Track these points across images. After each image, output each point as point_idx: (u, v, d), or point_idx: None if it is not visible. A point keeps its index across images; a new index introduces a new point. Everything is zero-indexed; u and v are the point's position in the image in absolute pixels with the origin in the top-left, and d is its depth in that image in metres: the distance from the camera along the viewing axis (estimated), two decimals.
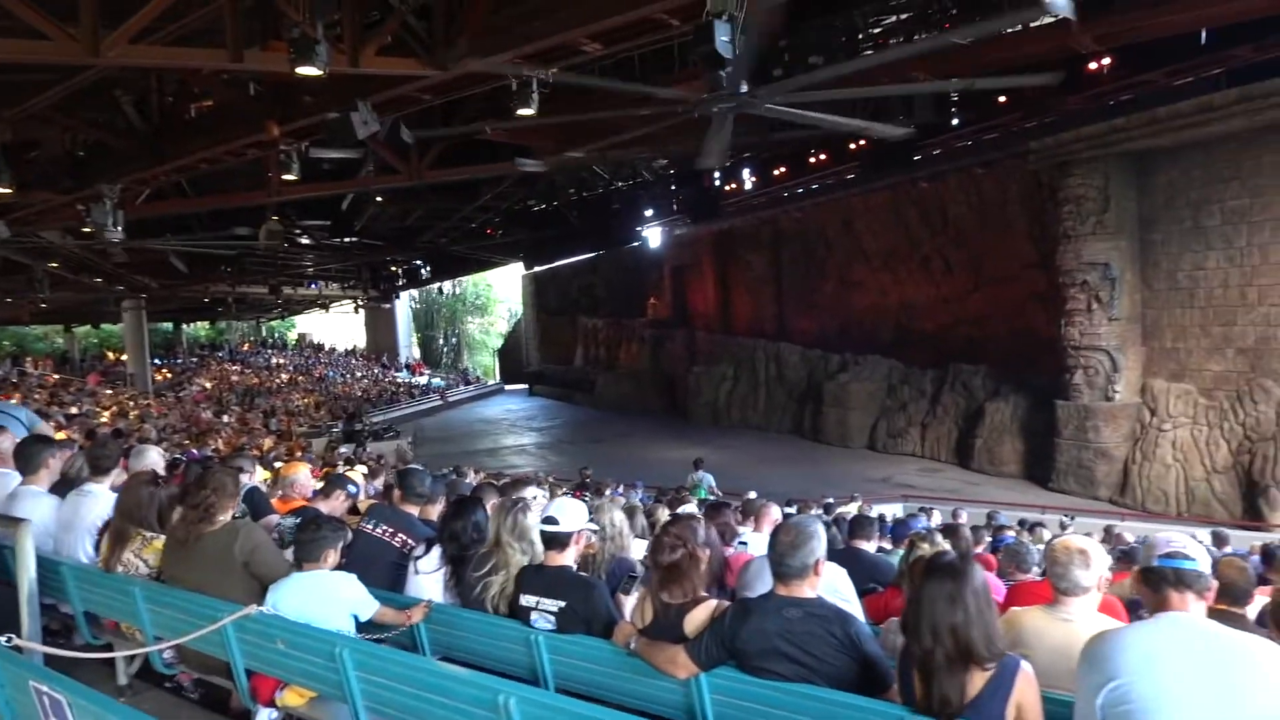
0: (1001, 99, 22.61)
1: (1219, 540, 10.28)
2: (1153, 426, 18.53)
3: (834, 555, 5.48)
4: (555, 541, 3.57)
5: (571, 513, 3.66)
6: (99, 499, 4.45)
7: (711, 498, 13.28)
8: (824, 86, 7.67)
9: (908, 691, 2.63)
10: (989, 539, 8.58)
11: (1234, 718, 2.19)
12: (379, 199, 26.78)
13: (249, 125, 11.06)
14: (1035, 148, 20.09)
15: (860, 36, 15.69)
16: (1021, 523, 12.65)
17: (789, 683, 2.85)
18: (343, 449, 23.21)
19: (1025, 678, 2.51)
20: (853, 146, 26.86)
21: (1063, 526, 12.99)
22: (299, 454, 19.48)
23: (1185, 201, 18.20)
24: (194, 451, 14.66)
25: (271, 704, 3.55)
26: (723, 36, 6.41)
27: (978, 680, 2.48)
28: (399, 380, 45.76)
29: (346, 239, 31.76)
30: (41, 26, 6.74)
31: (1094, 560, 3.19)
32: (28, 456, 4.92)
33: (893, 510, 14.66)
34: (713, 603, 3.19)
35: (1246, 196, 17.21)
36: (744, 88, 6.57)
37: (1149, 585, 2.49)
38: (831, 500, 13.42)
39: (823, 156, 28.81)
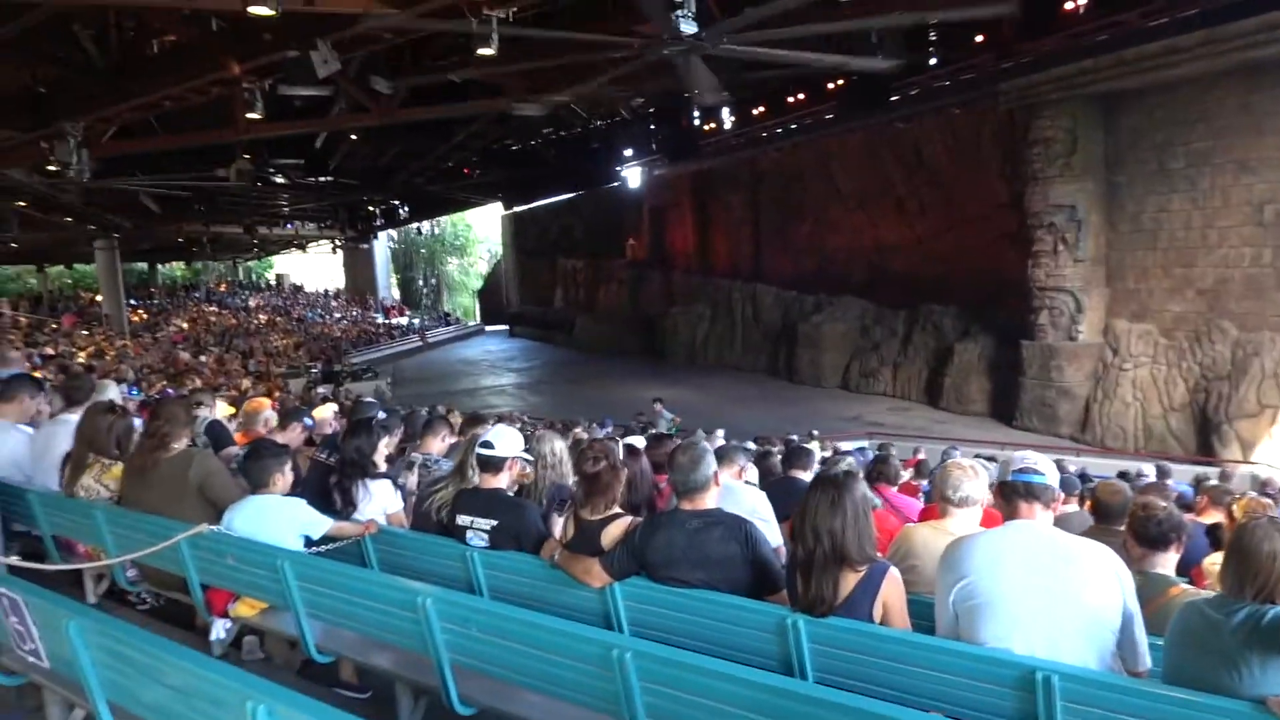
0: (979, 38, 22.55)
1: (1162, 473, 10.70)
2: (1114, 366, 18.98)
3: (772, 483, 5.85)
4: (489, 465, 3.83)
5: (507, 440, 3.91)
6: (72, 429, 4.68)
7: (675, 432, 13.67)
8: (772, 25, 7.74)
9: (794, 594, 2.93)
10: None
11: (1063, 610, 2.50)
12: (353, 137, 26.50)
13: (210, 62, 11.02)
14: (1005, 89, 20.15)
15: None
16: (976, 457, 13.04)
17: (691, 588, 3.14)
18: (321, 389, 23.39)
19: (891, 580, 2.81)
20: (831, 86, 26.72)
21: (915, 451, 13.34)
22: (276, 394, 19.66)
23: (1150, 144, 18.38)
24: (170, 391, 14.80)
25: (225, 615, 3.83)
26: None
27: (850, 580, 2.78)
28: (378, 322, 45.73)
29: (321, 178, 31.44)
30: None
31: (979, 477, 3.49)
32: (5, 391, 5.13)
33: (858, 447, 15.05)
34: (627, 519, 3.47)
35: (1210, 139, 17.40)
36: (692, 29, 6.66)
37: (1004, 497, 2.78)
38: (795, 437, 13.78)
39: (801, 96, 28.63)
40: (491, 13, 8.84)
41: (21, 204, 23.33)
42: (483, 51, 9.31)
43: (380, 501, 4.34)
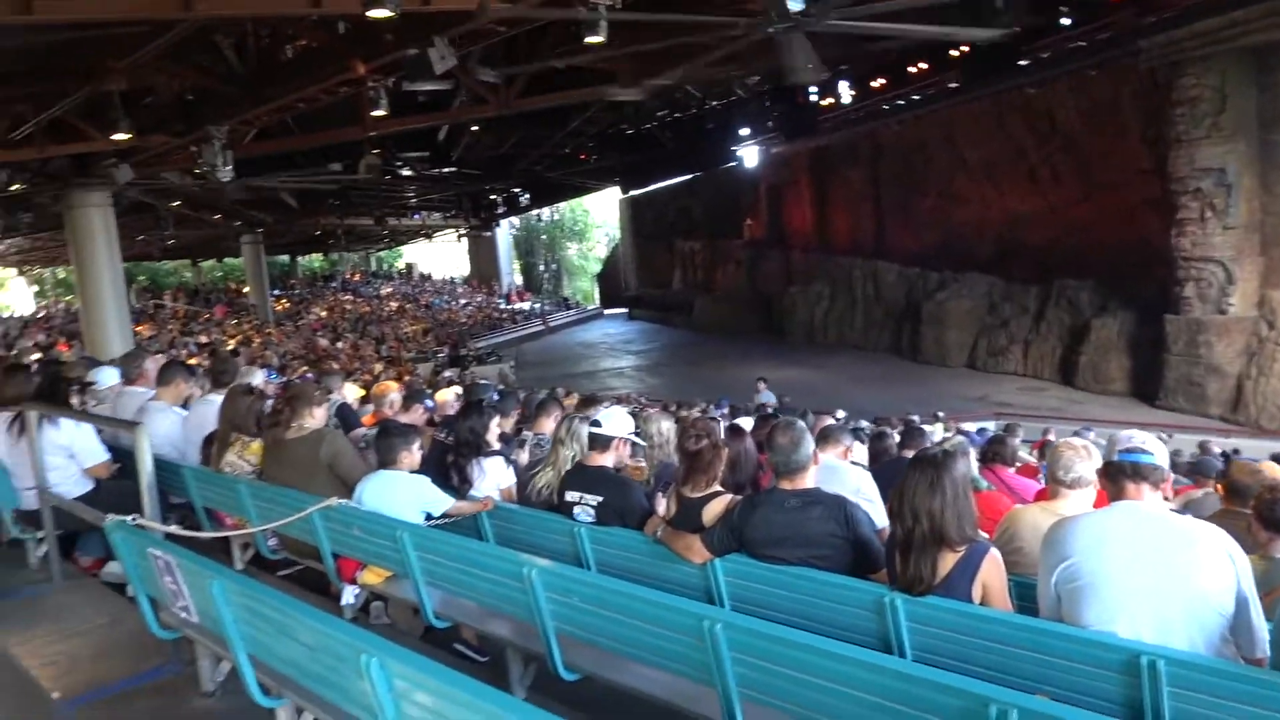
0: None
1: None
2: (1270, 340, 17.65)
3: (885, 464, 5.78)
4: (597, 442, 3.97)
5: (616, 419, 4.05)
6: (216, 408, 5.11)
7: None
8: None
9: (892, 573, 2.93)
10: None
11: (1171, 593, 2.42)
12: (474, 128, 27.30)
13: (337, 64, 11.59)
14: (1146, 46, 18.89)
15: None
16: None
17: (789, 565, 3.18)
18: (447, 373, 24.33)
19: (992, 560, 2.78)
20: (954, 54, 25.72)
21: (1045, 433, 12.63)
22: (407, 378, 20.59)
23: None
24: (309, 375, 15.74)
25: (354, 582, 4.12)
26: None
27: (949, 560, 2.76)
28: (502, 307, 47.04)
29: (445, 169, 32.53)
30: None
31: (1092, 457, 3.38)
32: (161, 375, 5.70)
33: (979, 428, 14.58)
34: (728, 496, 3.54)
35: None
36: (798, 6, 6.58)
37: (1109, 477, 2.70)
38: (915, 418, 13.46)
39: (923, 66, 27.70)
40: (599, 1, 8.95)
41: (176, 204, 25.14)
42: (591, 39, 9.47)
43: (494, 478, 4.55)
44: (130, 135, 12.71)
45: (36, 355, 14.16)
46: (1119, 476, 2.65)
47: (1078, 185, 24.53)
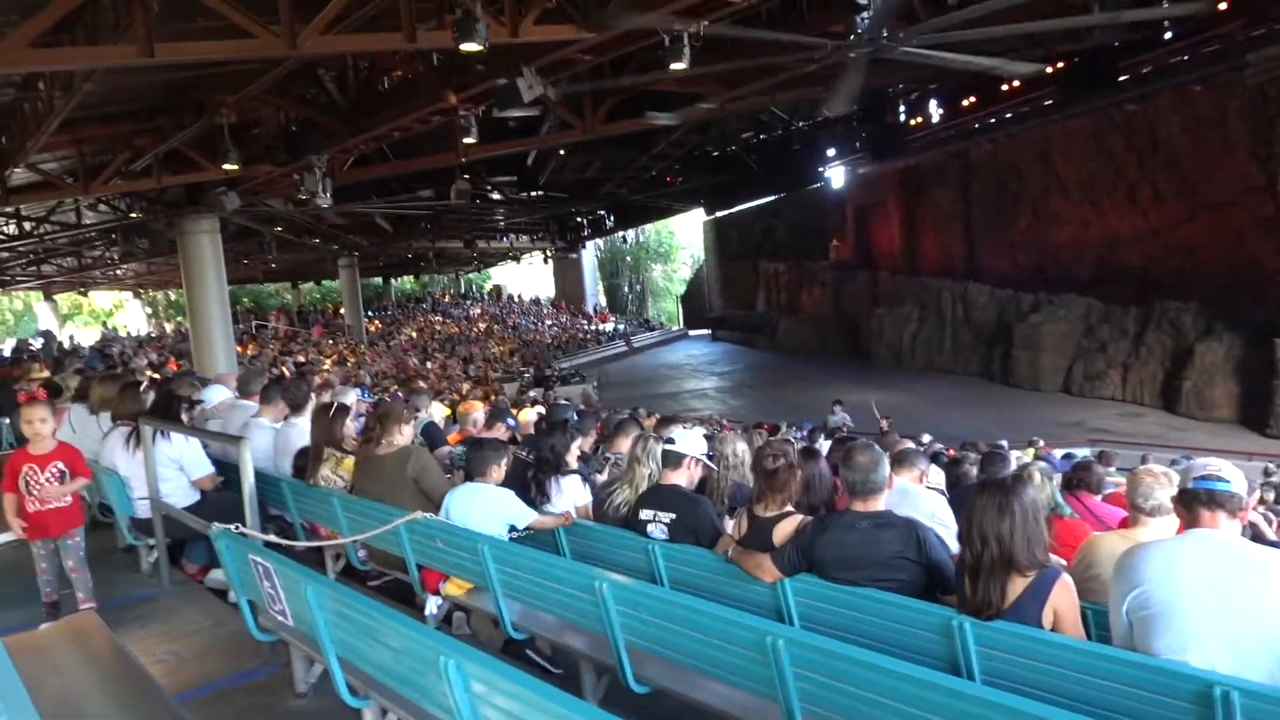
0: (1222, 5, 20.43)
1: None
2: None
3: (964, 489, 5.71)
4: (670, 460, 4.07)
5: (690, 439, 4.14)
6: (301, 430, 5.41)
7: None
8: (964, 26, 7.52)
9: (962, 596, 2.93)
10: None
11: (1246, 623, 2.38)
12: (561, 152, 27.88)
13: (431, 95, 12.06)
14: (1254, 60, 18.12)
15: None
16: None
17: (859, 587, 3.21)
18: (532, 392, 24.77)
19: (1063, 586, 2.76)
20: (1049, 71, 25.07)
21: (1143, 460, 12.02)
22: (494, 398, 21.07)
23: None
24: (399, 394, 16.28)
25: (438, 593, 4.30)
26: None
27: (1019, 585, 2.76)
28: (586, 328, 47.63)
29: (532, 193, 33.25)
30: (247, 26, 7.82)
31: (1172, 483, 3.31)
32: (264, 394, 6.05)
33: (1064, 454, 14.11)
34: (798, 517, 3.58)
35: None
36: (883, 32, 6.62)
37: (1184, 505, 2.66)
38: (1004, 443, 13.11)
39: (1015, 83, 27.06)
40: (683, 28, 9.13)
41: (279, 229, 26.39)
42: (675, 65, 9.64)
43: (570, 496, 4.68)
44: (238, 165, 13.45)
45: (150, 373, 15.02)
46: (1194, 504, 2.61)
47: (1181, 204, 23.60)
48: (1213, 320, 21.54)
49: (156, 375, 13.01)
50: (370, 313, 43.40)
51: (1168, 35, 21.92)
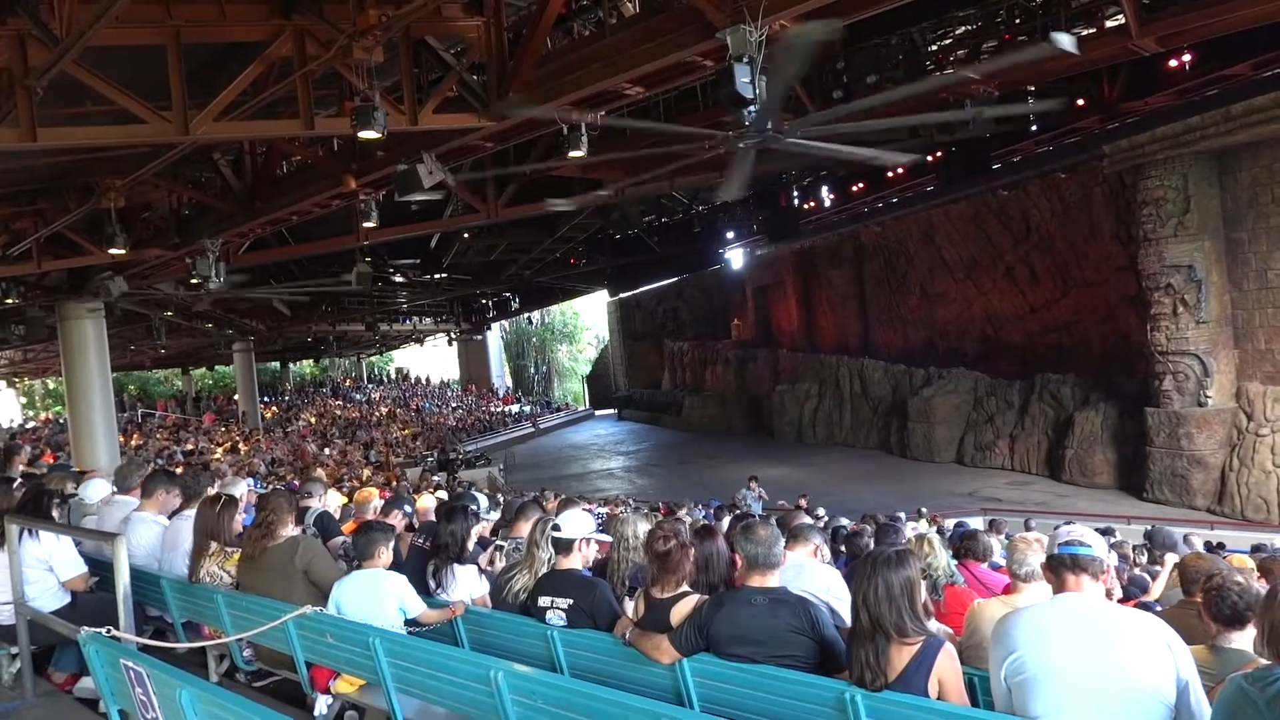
0: (1080, 102, 22.24)
1: None
2: (1250, 432, 17.84)
3: (859, 562, 5.83)
4: (560, 546, 4.05)
5: (575, 522, 4.14)
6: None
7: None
8: (846, 119, 8.00)
9: (852, 667, 2.98)
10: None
11: (1112, 684, 2.50)
12: (465, 235, 27.95)
13: (330, 179, 12.01)
14: (1110, 151, 19.73)
15: (920, 55, 15.84)
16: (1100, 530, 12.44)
17: (754, 664, 3.24)
18: (436, 477, 24.22)
19: (946, 654, 2.85)
20: (930, 159, 26.69)
21: (1027, 526, 12.67)
22: (394, 483, 20.51)
23: (1271, 197, 17.59)
24: (295, 483, 15.71)
25: (328, 691, 4.12)
26: (743, 78, 6.84)
27: (904, 655, 2.84)
28: (492, 410, 47.13)
29: (436, 275, 33.11)
30: (137, 111, 7.70)
31: (1044, 550, 3.47)
32: (145, 487, 5.77)
33: (956, 522, 14.59)
34: (695, 596, 3.61)
35: None
36: (769, 124, 6.96)
37: (1051, 570, 2.80)
38: (902, 515, 13.46)
39: (900, 170, 28.67)
40: (581, 117, 9.42)
41: (169, 314, 25.48)
42: (574, 153, 9.91)
43: (465, 587, 4.60)
44: (126, 250, 13.04)
45: (23, 467, 14.12)
46: (1060, 569, 2.75)
47: (1055, 284, 25.17)
48: (1089, 391, 22.80)
49: (30, 469, 12.24)
50: (266, 398, 41.99)
51: (1034, 128, 23.71)
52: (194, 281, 14.68)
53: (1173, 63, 18.59)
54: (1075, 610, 2.63)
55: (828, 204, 32.68)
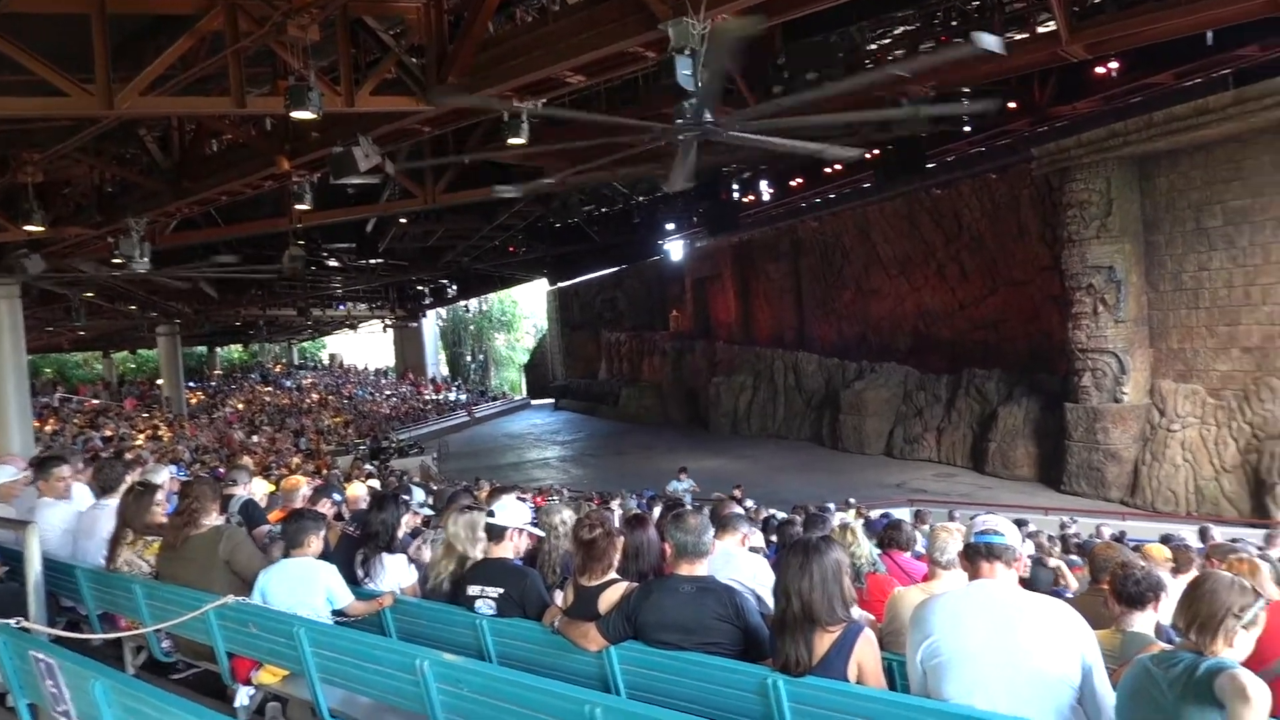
0: (1011, 105, 22.85)
1: (1204, 536, 10.50)
2: (1161, 427, 18.61)
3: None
4: (493, 533, 4.04)
5: (511, 510, 4.13)
6: (111, 513, 5.01)
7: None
8: (786, 114, 8.10)
9: (775, 654, 3.05)
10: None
11: (1021, 667, 2.61)
12: (402, 220, 27.51)
13: (262, 160, 11.71)
14: (1038, 154, 20.33)
15: (859, 53, 16.09)
16: (1017, 521, 12.88)
17: (681, 651, 3.28)
18: (368, 466, 23.85)
19: (865, 640, 2.93)
20: (868, 156, 27.14)
21: (950, 517, 13.16)
22: (325, 471, 20.14)
23: (1187, 203, 18.33)
24: (220, 470, 15.33)
25: (249, 682, 4.05)
26: (684, 70, 6.86)
27: (825, 641, 2.90)
28: (427, 398, 46.57)
29: (372, 260, 32.56)
30: (58, 83, 7.40)
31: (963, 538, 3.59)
32: (39, 470, 5.58)
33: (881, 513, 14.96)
34: (623, 584, 3.63)
35: (1247, 196, 17.31)
36: (708, 116, 7.01)
37: (967, 558, 2.91)
38: (831, 505, 13.73)
39: (838, 166, 29.08)
40: (521, 105, 9.35)
41: (89, 294, 24.56)
42: (514, 140, 9.83)
43: (394, 576, 4.56)
44: (44, 227, 12.53)
45: None
46: (975, 557, 2.86)
47: (983, 282, 25.87)
48: (1013, 387, 23.51)
49: None
50: (192, 383, 40.80)
51: (967, 129, 24.30)
52: (117, 261, 14.18)
53: (1100, 70, 19.26)
54: (989, 597, 2.74)
55: (766, 198, 33.12)
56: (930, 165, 25.92)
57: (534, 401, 51.57)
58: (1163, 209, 18.84)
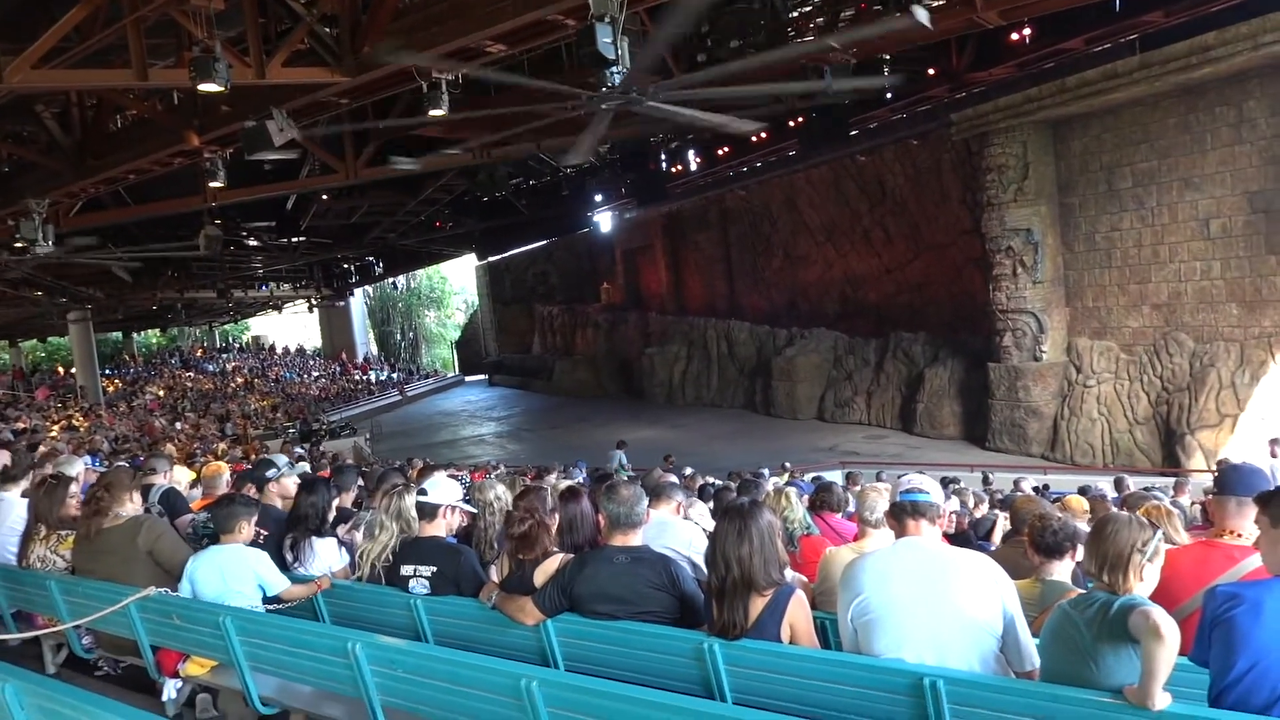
0: (930, 71, 23.20)
1: (1119, 486, 10.96)
2: (1078, 383, 19.32)
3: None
4: (425, 512, 3.98)
5: (443, 488, 4.07)
6: (12, 505, 4.80)
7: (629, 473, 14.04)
8: (705, 85, 8.10)
9: (710, 619, 3.08)
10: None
11: (946, 619, 2.68)
12: (324, 196, 26.75)
13: (171, 136, 11.25)
14: (957, 119, 20.73)
15: (782, 21, 16.11)
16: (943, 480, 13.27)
17: (616, 620, 3.30)
18: (298, 449, 23.34)
19: (797, 601, 2.98)
20: (791, 124, 27.31)
21: (879, 478, 13.52)
22: (253, 456, 19.63)
23: (1099, 165, 18.93)
24: (141, 459, 14.81)
25: (176, 675, 3.93)
26: (604, 38, 6.79)
27: (758, 604, 2.95)
28: (357, 378, 45.72)
29: (294, 239, 31.62)
30: None
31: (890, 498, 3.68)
32: None
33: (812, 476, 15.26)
34: (559, 555, 3.63)
35: (1154, 158, 17.95)
36: (632, 86, 6.95)
37: (894, 516, 2.97)
38: (766, 471, 13.94)
39: (763, 135, 29.21)
40: (440, 75, 9.14)
41: None
42: (435, 112, 9.61)
43: (325, 560, 4.47)
44: None
45: None
46: (901, 515, 2.92)
47: (908, 246, 26.38)
48: (939, 348, 24.13)
49: None
50: (108, 371, 39.28)
51: (889, 95, 24.62)
52: (18, 245, 13.51)
53: (1015, 36, 19.67)
54: (914, 553, 2.80)
55: (694, 168, 33.08)
56: (854, 132, 26.18)
57: (467, 378, 51.03)
58: (1076, 171, 19.42)
